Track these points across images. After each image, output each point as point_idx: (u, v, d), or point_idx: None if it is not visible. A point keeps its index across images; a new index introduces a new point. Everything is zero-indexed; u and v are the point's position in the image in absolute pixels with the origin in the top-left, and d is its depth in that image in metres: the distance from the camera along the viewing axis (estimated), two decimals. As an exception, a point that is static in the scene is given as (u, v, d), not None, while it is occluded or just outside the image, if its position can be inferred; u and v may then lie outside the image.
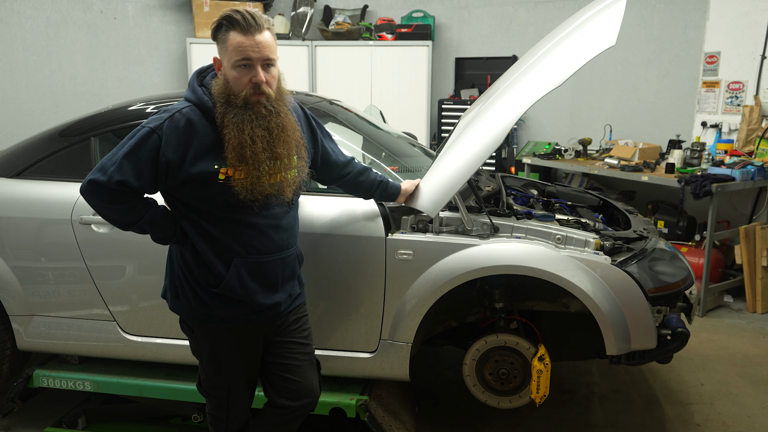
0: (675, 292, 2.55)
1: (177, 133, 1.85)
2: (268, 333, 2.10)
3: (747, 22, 4.95)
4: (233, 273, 1.94)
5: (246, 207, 1.92)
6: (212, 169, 1.88)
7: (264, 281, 2.00)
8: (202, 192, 1.91)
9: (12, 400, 2.86)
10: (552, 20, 6.00)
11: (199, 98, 1.90)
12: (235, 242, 1.94)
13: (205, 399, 2.15)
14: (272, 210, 1.99)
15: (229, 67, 1.86)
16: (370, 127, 3.27)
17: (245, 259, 1.96)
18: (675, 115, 5.55)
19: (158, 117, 1.88)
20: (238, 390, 2.10)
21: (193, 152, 1.86)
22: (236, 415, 2.13)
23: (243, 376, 2.09)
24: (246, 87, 1.86)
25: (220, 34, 1.86)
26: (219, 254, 1.94)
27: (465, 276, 2.47)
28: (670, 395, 3.31)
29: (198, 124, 1.88)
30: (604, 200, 3.45)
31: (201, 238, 1.94)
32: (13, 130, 5.77)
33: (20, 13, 5.88)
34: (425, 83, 6.16)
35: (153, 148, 1.84)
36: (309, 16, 6.26)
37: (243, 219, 1.94)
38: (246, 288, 1.96)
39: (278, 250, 2.02)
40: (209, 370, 2.09)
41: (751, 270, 4.57)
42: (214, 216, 1.93)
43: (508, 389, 2.67)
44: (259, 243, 1.97)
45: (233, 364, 2.06)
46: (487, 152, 2.34)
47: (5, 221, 2.77)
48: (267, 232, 1.98)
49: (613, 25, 2.27)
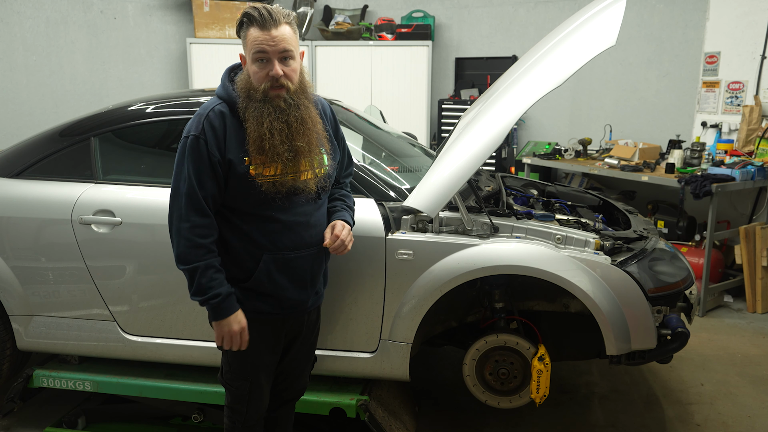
0: (675, 292, 2.55)
1: (215, 131, 1.90)
2: (292, 328, 2.15)
3: (747, 22, 4.95)
4: (262, 268, 1.98)
5: (273, 203, 1.96)
6: (242, 163, 1.92)
7: (292, 277, 2.04)
8: (234, 187, 1.94)
9: (12, 400, 2.86)
10: (552, 20, 6.00)
11: (229, 94, 1.95)
12: (264, 238, 1.98)
13: (226, 391, 2.16)
14: (300, 206, 2.02)
15: (250, 61, 1.92)
16: (370, 127, 3.27)
17: (274, 255, 1.99)
18: (675, 115, 5.55)
19: (196, 122, 1.92)
20: (259, 383, 2.12)
21: (228, 147, 1.91)
22: (255, 408, 2.14)
23: (266, 368, 2.12)
24: (264, 81, 1.90)
25: (242, 31, 1.92)
26: (249, 250, 1.99)
27: (465, 276, 2.47)
28: (670, 395, 3.31)
29: (229, 119, 1.93)
30: (604, 200, 3.45)
31: (233, 235, 1.99)
32: (13, 130, 5.78)
33: (20, 13, 5.88)
34: (425, 83, 6.17)
35: (204, 151, 1.89)
36: (309, 16, 6.26)
37: (271, 215, 1.97)
38: (274, 283, 2.01)
39: (307, 246, 2.05)
40: (234, 362, 2.09)
41: (751, 270, 4.57)
42: (244, 212, 1.97)
43: (508, 389, 2.67)
44: (288, 239, 2.00)
45: (259, 356, 2.09)
46: (487, 152, 2.34)
47: (5, 221, 2.77)
48: (295, 229, 2.01)
49: (613, 25, 2.27)
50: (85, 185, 2.76)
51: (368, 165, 2.73)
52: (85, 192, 2.73)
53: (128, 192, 2.71)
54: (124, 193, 2.71)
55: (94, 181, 2.78)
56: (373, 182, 2.62)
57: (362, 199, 2.58)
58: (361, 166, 2.66)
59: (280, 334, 2.13)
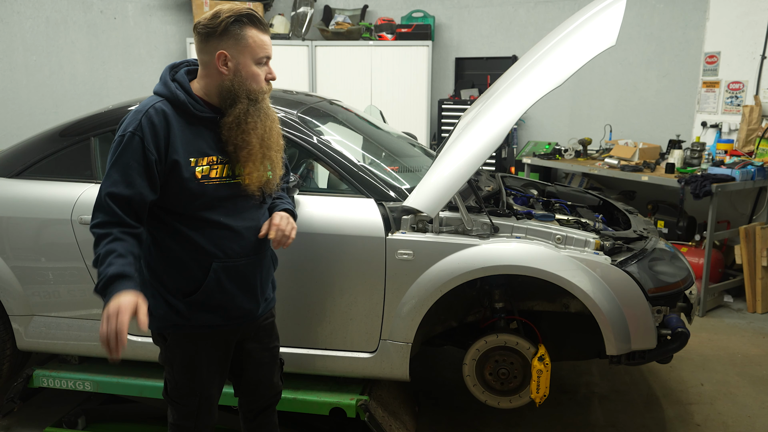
0: (675, 292, 2.55)
1: (154, 129, 1.80)
2: (241, 336, 2.07)
3: (747, 22, 4.95)
4: (212, 277, 1.89)
5: (220, 207, 1.88)
6: (188, 165, 1.82)
7: (242, 285, 1.96)
8: (178, 190, 1.84)
9: (12, 400, 2.86)
10: (552, 20, 6.00)
11: (172, 92, 1.85)
12: (212, 245, 1.88)
13: (171, 408, 2.06)
14: (247, 211, 1.94)
15: (251, 63, 1.84)
16: (370, 127, 3.27)
17: (224, 262, 1.90)
18: (675, 115, 5.55)
19: (133, 119, 1.82)
20: (209, 397, 2.03)
21: (171, 147, 1.81)
22: (204, 423, 2.06)
23: (216, 381, 2.04)
24: (263, 83, 1.90)
25: (235, 28, 1.81)
26: (196, 259, 1.88)
27: (465, 276, 2.47)
28: (670, 395, 3.31)
29: (172, 118, 1.83)
30: (604, 200, 3.45)
31: (177, 244, 1.88)
32: (13, 130, 5.78)
33: (20, 13, 5.88)
34: (425, 83, 6.16)
35: (139, 149, 1.78)
36: (309, 16, 6.26)
37: (218, 221, 1.88)
38: (224, 292, 1.92)
39: (255, 252, 1.98)
40: (181, 378, 2.00)
41: (751, 270, 4.57)
42: (192, 218, 1.87)
43: (508, 389, 2.67)
44: (237, 245, 1.92)
45: (209, 370, 2.00)
46: (487, 152, 2.34)
47: (5, 221, 2.77)
48: (243, 234, 1.93)
49: (613, 25, 2.27)
50: (85, 185, 2.76)
51: (368, 165, 2.73)
52: (85, 192, 2.73)
53: (128, 192, 2.70)
54: (124, 193, 2.70)
55: (94, 181, 2.78)
56: (373, 182, 2.62)
57: (362, 199, 2.59)
58: (361, 166, 2.66)
59: (231, 345, 2.04)
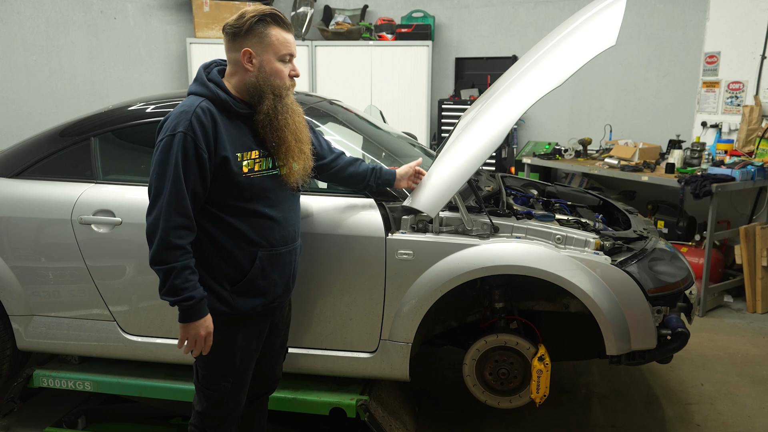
0: (675, 292, 2.55)
1: (204, 128, 1.88)
2: (272, 323, 2.19)
3: (747, 22, 4.95)
4: (258, 265, 2.00)
5: (265, 198, 2.00)
6: (236, 160, 1.93)
7: (281, 273, 2.09)
8: (226, 184, 1.93)
9: (12, 400, 2.86)
10: (552, 20, 6.01)
11: (212, 92, 1.94)
12: (258, 236, 2.00)
13: (200, 396, 2.10)
14: (286, 201, 2.08)
15: (275, 59, 1.95)
16: (370, 127, 3.27)
17: (268, 251, 2.02)
18: (675, 115, 5.55)
19: (182, 119, 1.87)
20: (244, 382, 2.12)
21: (219, 144, 1.91)
22: (230, 410, 2.11)
23: (250, 366, 2.13)
24: (287, 79, 1.99)
25: (259, 27, 1.92)
26: (243, 248, 1.99)
27: (465, 276, 2.47)
28: (670, 395, 3.31)
29: (217, 117, 1.93)
30: (604, 200, 3.45)
31: (225, 234, 1.97)
32: (13, 130, 5.78)
33: (20, 13, 5.88)
34: (425, 83, 6.17)
35: (192, 149, 1.86)
36: (309, 16, 6.26)
37: (263, 211, 2.00)
38: (267, 279, 2.04)
39: (293, 241, 2.11)
40: (216, 363, 2.05)
41: (751, 270, 4.57)
42: (238, 209, 1.97)
43: (508, 389, 2.67)
44: (279, 235, 2.05)
45: (243, 354, 2.08)
46: (487, 152, 2.34)
47: (5, 221, 2.77)
48: (283, 224, 2.06)
49: (613, 25, 2.28)
50: (85, 185, 2.76)
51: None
52: (85, 192, 2.73)
53: (128, 192, 2.71)
54: (124, 193, 2.71)
55: (94, 181, 2.78)
56: (373, 182, 2.62)
57: (362, 199, 2.59)
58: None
59: (264, 331, 2.15)
